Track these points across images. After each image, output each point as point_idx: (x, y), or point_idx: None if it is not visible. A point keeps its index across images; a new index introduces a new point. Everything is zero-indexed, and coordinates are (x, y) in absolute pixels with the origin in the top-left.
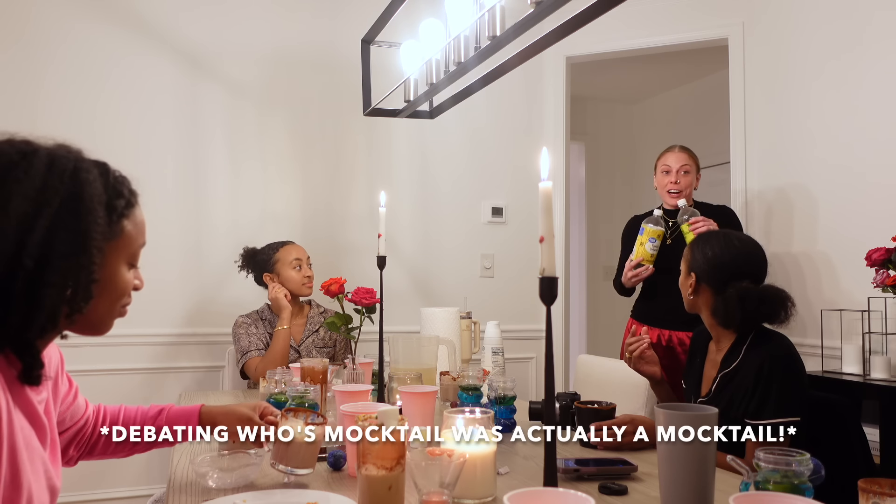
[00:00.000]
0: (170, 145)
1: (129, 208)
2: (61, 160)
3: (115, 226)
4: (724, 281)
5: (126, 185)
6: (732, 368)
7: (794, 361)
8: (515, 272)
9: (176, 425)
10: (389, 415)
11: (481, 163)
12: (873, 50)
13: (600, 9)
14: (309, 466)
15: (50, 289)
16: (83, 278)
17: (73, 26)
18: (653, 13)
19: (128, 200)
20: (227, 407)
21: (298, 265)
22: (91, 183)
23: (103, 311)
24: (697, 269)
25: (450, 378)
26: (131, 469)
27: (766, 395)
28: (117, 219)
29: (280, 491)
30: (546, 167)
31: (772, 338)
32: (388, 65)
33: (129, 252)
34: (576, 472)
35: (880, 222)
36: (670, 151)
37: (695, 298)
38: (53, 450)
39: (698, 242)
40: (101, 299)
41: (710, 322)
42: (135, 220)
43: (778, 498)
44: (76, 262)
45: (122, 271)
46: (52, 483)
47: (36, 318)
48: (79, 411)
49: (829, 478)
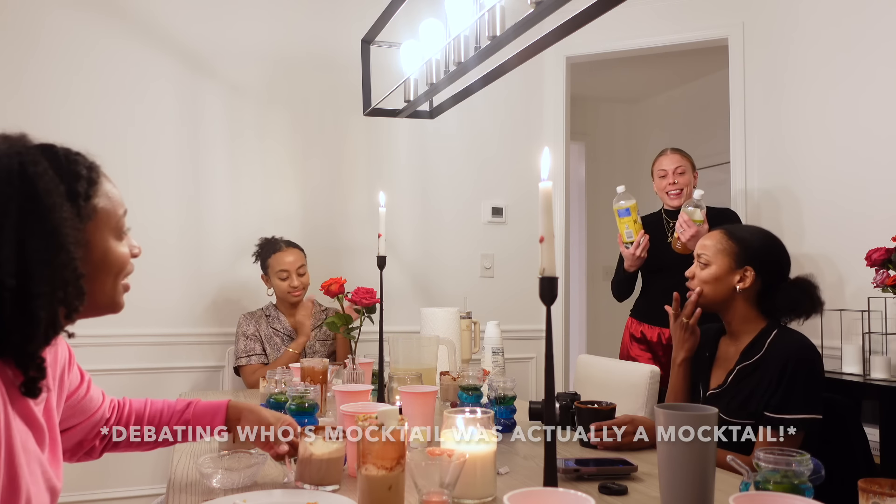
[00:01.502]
0: (170, 145)
1: (93, 186)
2: (2, 161)
3: (84, 209)
4: (779, 273)
5: (82, 163)
6: (753, 361)
7: (819, 361)
8: (515, 272)
9: (203, 421)
10: (389, 415)
11: (481, 163)
12: (873, 50)
13: (600, 9)
14: (335, 482)
15: (40, 299)
16: (69, 276)
17: (73, 26)
18: (653, 13)
19: (88, 179)
20: (255, 409)
21: (285, 276)
22: (42, 176)
23: (110, 291)
24: (755, 262)
25: (450, 378)
26: (134, 469)
27: (790, 391)
28: (85, 202)
29: (280, 491)
30: (546, 167)
31: (794, 334)
32: (388, 65)
33: (111, 227)
34: (576, 472)
35: (880, 222)
36: (663, 155)
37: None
38: (53, 450)
39: (739, 234)
40: (102, 281)
41: (747, 315)
42: (106, 195)
43: (778, 498)
44: (57, 263)
45: (113, 246)
46: (51, 484)
47: (35, 330)
48: (93, 404)
49: (829, 478)
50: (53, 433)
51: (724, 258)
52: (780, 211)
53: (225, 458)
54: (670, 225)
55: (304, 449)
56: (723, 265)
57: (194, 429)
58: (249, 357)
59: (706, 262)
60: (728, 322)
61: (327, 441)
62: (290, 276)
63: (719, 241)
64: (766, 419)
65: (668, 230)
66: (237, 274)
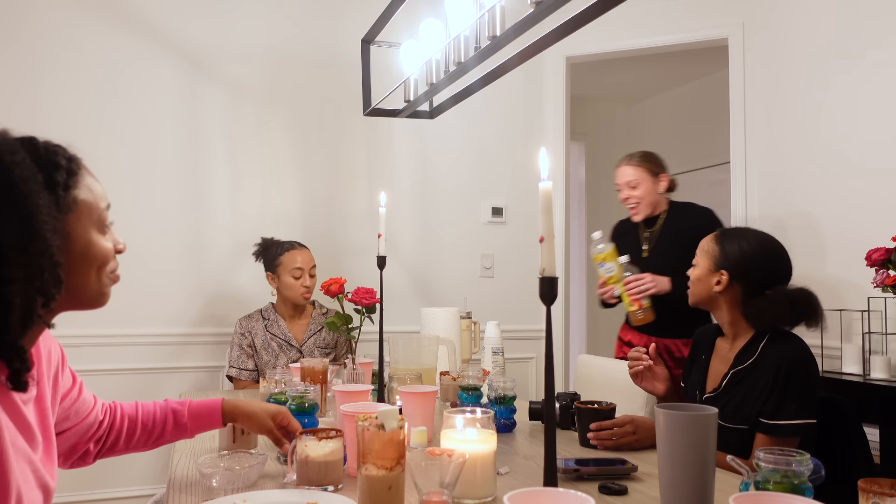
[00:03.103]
0: (170, 145)
1: (73, 177)
2: None
3: (63, 200)
4: (760, 281)
5: (62, 154)
6: (747, 366)
7: (813, 364)
8: (515, 272)
9: (199, 420)
10: (389, 415)
11: (481, 163)
12: (873, 49)
13: (600, 9)
14: (336, 482)
15: (14, 285)
16: (46, 264)
17: (72, 26)
18: (653, 13)
19: (68, 169)
20: (249, 409)
21: (299, 274)
22: (19, 165)
23: (93, 283)
24: (731, 267)
25: (450, 378)
26: (132, 469)
27: (784, 396)
28: (63, 192)
29: (280, 491)
30: (546, 167)
31: (789, 338)
32: (388, 65)
33: (93, 219)
34: (576, 472)
35: (880, 222)
36: (618, 167)
37: (717, 295)
38: (47, 449)
39: (728, 238)
40: (84, 273)
41: (733, 319)
42: (87, 187)
43: (778, 498)
44: (32, 250)
45: (96, 239)
46: (43, 482)
47: (11, 318)
48: (85, 407)
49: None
50: (48, 432)
51: (706, 260)
52: (779, 211)
53: (225, 458)
54: (643, 236)
55: (301, 451)
56: (704, 267)
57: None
58: (241, 371)
59: (694, 262)
60: (720, 323)
61: (322, 442)
62: (303, 274)
63: (707, 243)
64: (760, 425)
65: (642, 241)
66: (237, 274)
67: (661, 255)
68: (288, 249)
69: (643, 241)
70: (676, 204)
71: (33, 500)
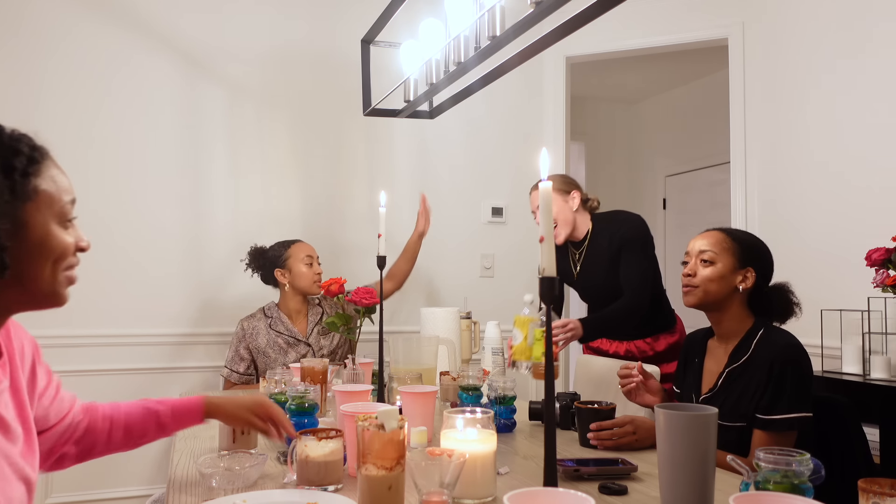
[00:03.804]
0: (170, 145)
1: (34, 165)
2: None
3: (21, 187)
4: (767, 276)
5: (26, 143)
6: (742, 363)
7: (805, 358)
8: (515, 272)
9: (180, 419)
10: (389, 415)
11: (481, 163)
12: (873, 49)
13: (600, 9)
14: (336, 482)
15: None
16: None
17: (72, 25)
18: (653, 13)
19: (30, 157)
20: (230, 406)
21: (310, 262)
22: None
23: (48, 278)
24: (755, 263)
25: (450, 378)
26: (131, 469)
27: (778, 391)
28: (21, 178)
29: (280, 491)
30: (546, 167)
31: (779, 334)
32: (388, 65)
33: (54, 211)
34: (576, 472)
35: (880, 222)
36: (530, 194)
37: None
38: (28, 440)
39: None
40: (38, 265)
41: (740, 315)
42: (50, 178)
43: (778, 498)
44: None
45: (55, 232)
46: (23, 474)
47: None
48: (63, 407)
49: (829, 478)
50: (27, 424)
51: (729, 257)
52: (779, 210)
53: (225, 458)
54: (573, 259)
55: (301, 451)
56: (727, 264)
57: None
58: (231, 373)
59: (710, 259)
60: (719, 322)
61: (322, 442)
62: (313, 261)
63: (724, 241)
64: (757, 421)
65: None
66: (237, 273)
67: (594, 272)
68: (293, 243)
69: (573, 264)
70: (600, 216)
71: (14, 494)
